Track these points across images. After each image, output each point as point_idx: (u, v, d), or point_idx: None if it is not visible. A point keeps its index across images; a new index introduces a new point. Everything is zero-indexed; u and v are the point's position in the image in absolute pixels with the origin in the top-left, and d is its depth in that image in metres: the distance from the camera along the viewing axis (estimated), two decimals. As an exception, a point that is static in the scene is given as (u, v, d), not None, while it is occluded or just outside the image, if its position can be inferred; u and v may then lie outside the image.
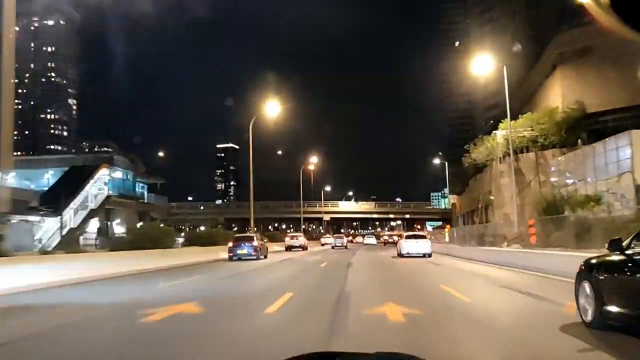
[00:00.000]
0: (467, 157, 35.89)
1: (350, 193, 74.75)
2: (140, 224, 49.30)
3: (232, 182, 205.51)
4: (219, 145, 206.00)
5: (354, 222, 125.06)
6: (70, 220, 34.32)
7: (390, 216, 65.50)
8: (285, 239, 39.89)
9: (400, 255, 23.24)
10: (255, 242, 23.52)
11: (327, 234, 61.66)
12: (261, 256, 23.57)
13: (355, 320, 6.25)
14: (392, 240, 57.05)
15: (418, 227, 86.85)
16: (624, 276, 4.83)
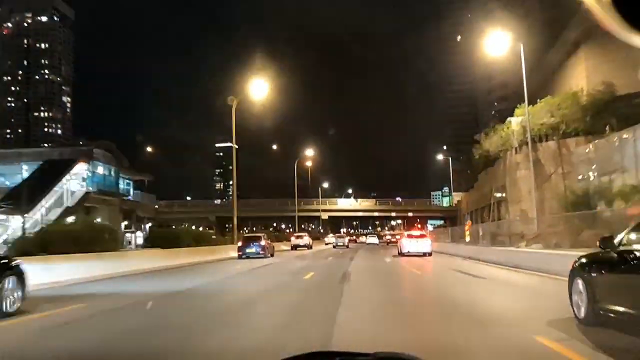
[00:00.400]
0: (478, 148, 32.78)
1: (350, 191, 71.49)
2: (124, 223, 46.29)
3: (231, 182, 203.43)
4: (217, 145, 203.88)
5: (354, 221, 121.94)
6: (42, 218, 31.25)
7: (392, 214, 62.19)
8: (290, 238, 42.48)
9: (400, 254, 23.81)
10: (262, 242, 25.37)
11: (330, 234, 62.38)
12: (268, 254, 25.20)
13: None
14: (395, 240, 54.16)
15: (419, 226, 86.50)
16: (615, 273, 4.94)
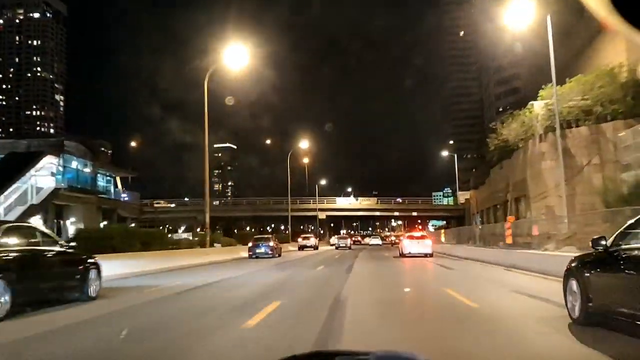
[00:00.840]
0: (493, 138, 29.04)
1: (350, 189, 67.42)
2: (103, 223, 42.60)
3: (230, 182, 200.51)
4: (216, 145, 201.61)
5: (354, 222, 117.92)
6: (-1, 217, 27.52)
7: (395, 214, 58.21)
8: (297, 239, 44.69)
9: (402, 255, 24.27)
10: (271, 243, 27.16)
11: (335, 235, 63.26)
12: (276, 255, 26.69)
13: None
14: (399, 241, 50.86)
15: (420, 227, 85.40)
16: (607, 274, 5.02)
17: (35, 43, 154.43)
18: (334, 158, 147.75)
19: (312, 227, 75.92)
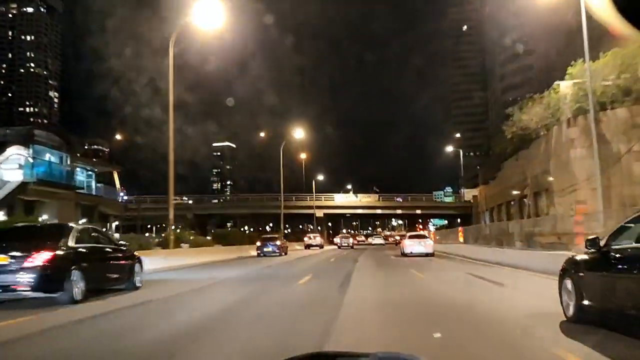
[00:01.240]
0: (510, 126, 25.85)
1: (349, 186, 63.94)
2: (82, 220, 39.42)
3: (229, 182, 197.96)
4: (215, 144, 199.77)
5: (354, 220, 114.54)
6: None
7: (397, 212, 54.80)
8: (304, 238, 46.42)
9: (403, 255, 24.23)
10: (278, 242, 28.73)
11: (339, 235, 63.58)
12: (283, 253, 28.22)
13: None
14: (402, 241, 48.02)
15: (420, 227, 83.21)
16: (599, 273, 5.00)
17: (28, 38, 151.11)
18: (334, 156, 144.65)
19: (311, 227, 72.26)
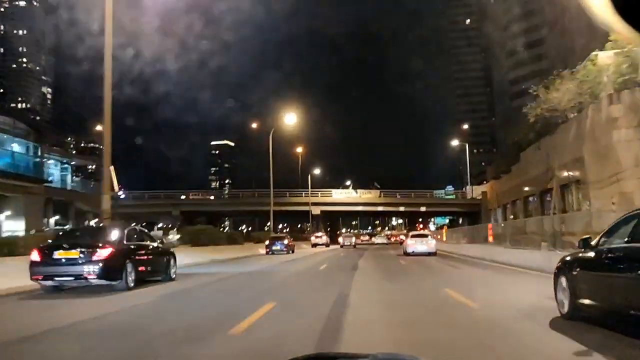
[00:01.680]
0: (534, 107, 22.36)
1: (348, 182, 60.20)
2: (55, 218, 35.98)
3: (227, 180, 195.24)
4: (213, 143, 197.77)
5: (353, 220, 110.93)
6: None
7: (400, 209, 51.07)
8: (311, 238, 47.70)
9: (405, 254, 24.36)
10: (286, 241, 30.39)
11: (338, 233, 62.94)
12: (290, 251, 29.62)
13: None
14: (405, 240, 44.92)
15: (421, 226, 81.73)
16: (592, 271, 5.19)
17: (20, 33, 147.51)
18: (333, 155, 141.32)
19: (309, 226, 68.52)
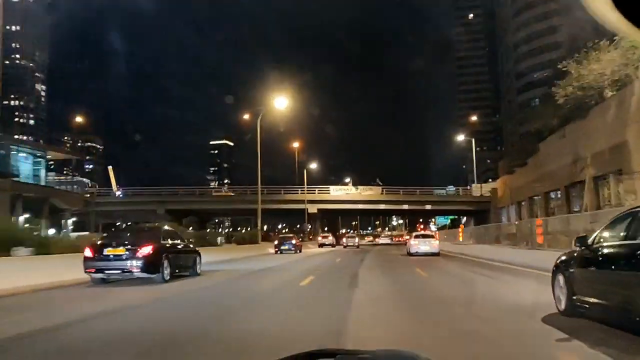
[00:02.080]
0: (564, 86, 19.26)
1: (348, 180, 56.87)
2: (24, 216, 32.87)
3: (226, 180, 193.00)
4: (212, 142, 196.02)
5: (353, 220, 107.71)
6: None
7: (404, 207, 47.76)
8: (317, 238, 48.06)
9: (409, 254, 24.26)
10: (294, 241, 32.55)
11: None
12: (298, 251, 31.55)
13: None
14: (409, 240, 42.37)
15: (421, 227, 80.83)
16: (587, 269, 5.37)
17: (14, 29, 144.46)
18: (332, 154, 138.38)
19: (309, 226, 65.17)
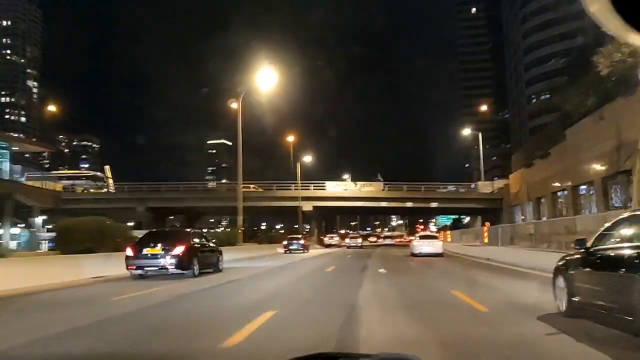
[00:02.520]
0: (608, 53, 15.82)
1: (346, 176, 53.18)
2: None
3: (224, 180, 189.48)
4: (210, 142, 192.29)
5: (352, 219, 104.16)
6: None
7: (408, 204, 44.11)
8: (324, 239, 49.93)
9: (413, 255, 24.30)
10: (302, 241, 34.15)
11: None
12: (306, 250, 32.92)
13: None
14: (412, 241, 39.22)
15: (421, 227, 79.72)
16: (586, 270, 5.45)
17: (5, 24, 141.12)
18: (332, 153, 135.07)
19: (308, 227, 61.26)
